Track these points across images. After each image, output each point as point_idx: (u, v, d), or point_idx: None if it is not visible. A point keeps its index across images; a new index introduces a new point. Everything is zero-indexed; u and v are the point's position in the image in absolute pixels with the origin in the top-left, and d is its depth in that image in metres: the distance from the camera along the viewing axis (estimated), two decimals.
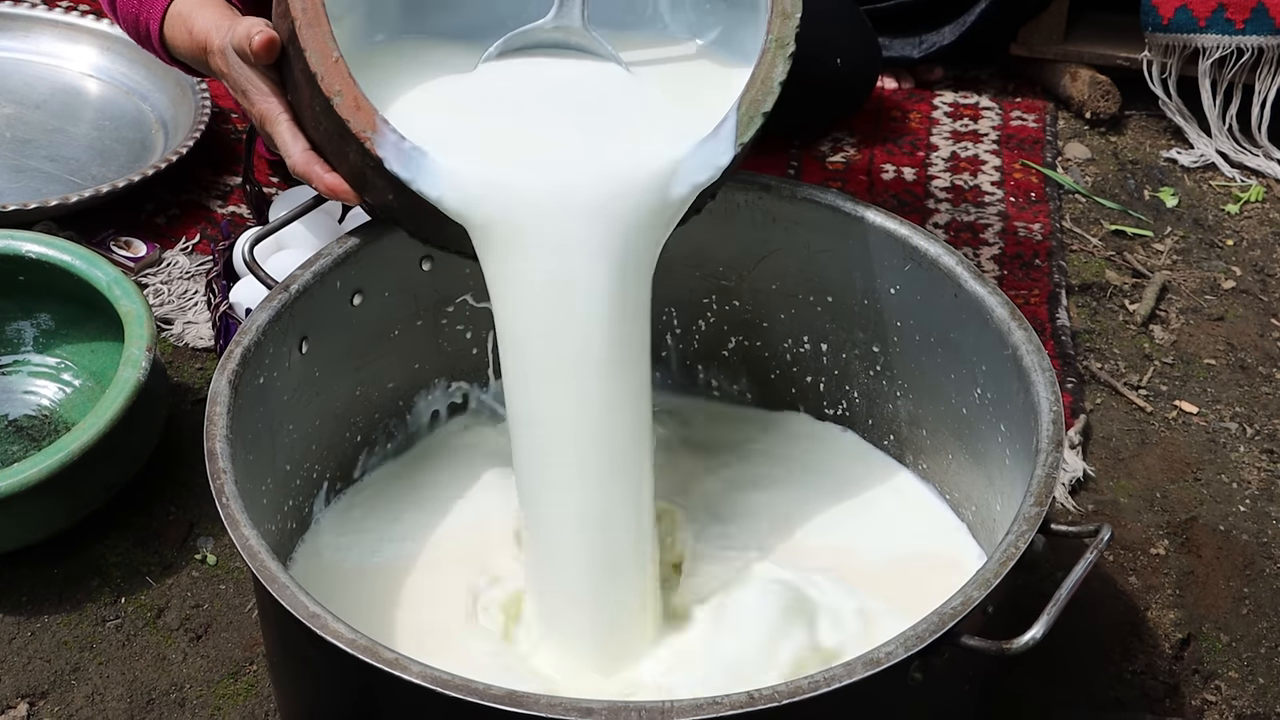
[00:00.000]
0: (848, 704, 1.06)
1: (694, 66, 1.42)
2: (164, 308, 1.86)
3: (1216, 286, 2.00)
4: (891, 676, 1.06)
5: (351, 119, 1.25)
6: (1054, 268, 1.99)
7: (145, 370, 1.55)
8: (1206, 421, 1.79)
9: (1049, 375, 1.27)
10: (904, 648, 1.06)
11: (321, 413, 1.45)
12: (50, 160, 2.06)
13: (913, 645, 1.06)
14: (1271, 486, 1.70)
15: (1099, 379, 1.83)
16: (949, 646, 1.08)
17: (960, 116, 2.30)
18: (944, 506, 1.49)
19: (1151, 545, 1.62)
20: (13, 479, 1.48)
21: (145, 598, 1.54)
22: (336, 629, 1.06)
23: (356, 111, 1.25)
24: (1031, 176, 2.17)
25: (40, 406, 1.71)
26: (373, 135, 1.25)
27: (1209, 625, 1.54)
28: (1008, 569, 1.12)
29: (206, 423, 1.23)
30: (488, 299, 1.52)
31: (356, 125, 1.25)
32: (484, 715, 1.02)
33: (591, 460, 1.29)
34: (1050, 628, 1.08)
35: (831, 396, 1.57)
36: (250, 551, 1.13)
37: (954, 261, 1.39)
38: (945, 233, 2.05)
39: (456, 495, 1.49)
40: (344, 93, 1.25)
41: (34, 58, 2.22)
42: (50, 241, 1.68)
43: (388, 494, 1.50)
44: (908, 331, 1.46)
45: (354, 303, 1.44)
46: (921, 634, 1.07)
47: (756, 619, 1.30)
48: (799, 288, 1.52)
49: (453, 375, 1.57)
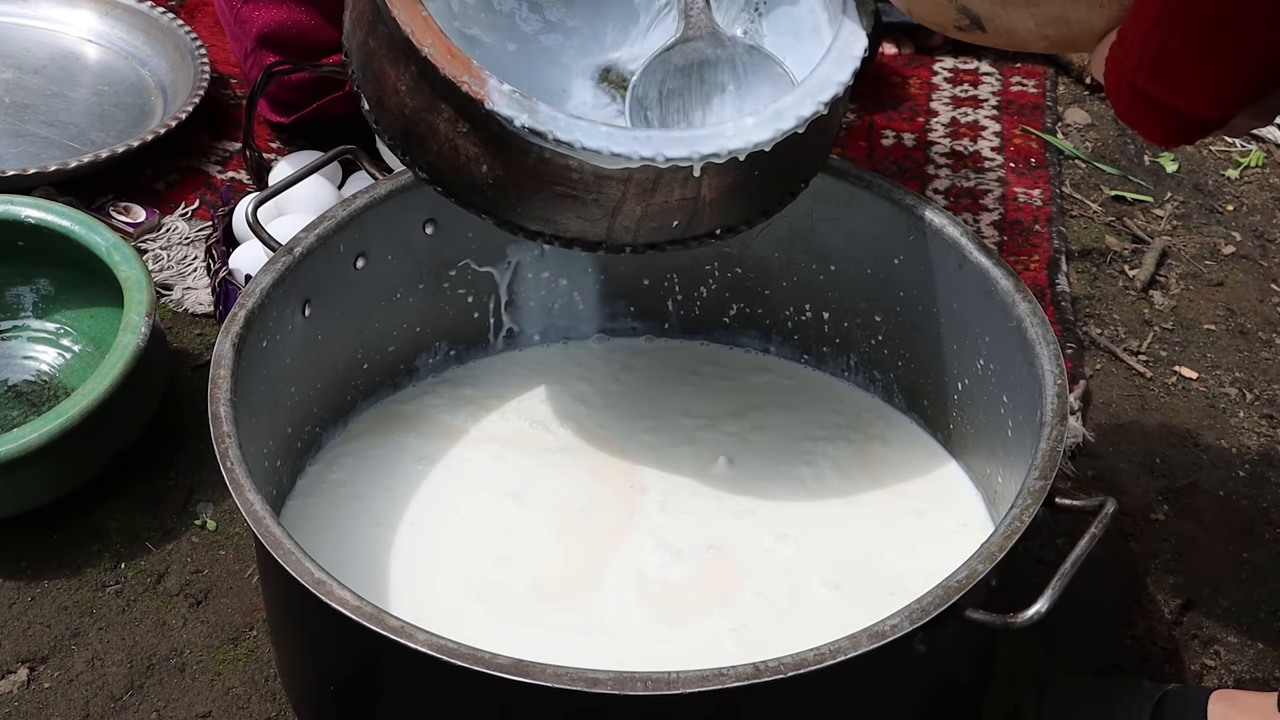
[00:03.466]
0: (853, 676, 1.07)
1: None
2: (163, 273, 1.86)
3: (1216, 252, 2.00)
4: (896, 649, 1.06)
5: (446, 66, 1.21)
6: (1054, 233, 1.98)
7: (145, 336, 1.55)
8: (1206, 387, 1.79)
9: (1053, 348, 1.27)
10: (909, 621, 1.07)
11: (323, 376, 1.45)
12: (49, 125, 2.05)
13: (918, 618, 1.07)
14: (1271, 452, 1.70)
15: (1099, 344, 1.83)
16: (954, 620, 1.08)
17: (960, 82, 2.30)
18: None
19: (1151, 511, 1.63)
20: (12, 444, 1.47)
21: (145, 563, 1.54)
22: (342, 595, 1.07)
23: (451, 60, 1.22)
24: (1031, 142, 2.17)
25: (40, 372, 1.70)
26: (469, 79, 1.21)
27: (1208, 590, 1.54)
28: (1012, 542, 1.12)
29: (210, 386, 1.23)
30: (489, 263, 1.53)
31: (452, 71, 1.21)
32: (489, 684, 1.03)
33: None
34: (1055, 602, 1.09)
35: (833, 365, 1.57)
36: (255, 516, 1.13)
37: (958, 232, 1.39)
38: (945, 198, 2.05)
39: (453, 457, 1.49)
40: (436, 44, 1.22)
41: (33, 22, 2.20)
42: (49, 207, 1.67)
43: (387, 455, 1.49)
44: (910, 301, 1.46)
45: (357, 266, 1.44)
46: (926, 607, 1.07)
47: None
48: (801, 256, 1.52)
49: (454, 339, 1.57)
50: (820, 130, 1.31)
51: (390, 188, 1.43)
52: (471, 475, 1.47)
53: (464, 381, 1.57)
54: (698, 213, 1.29)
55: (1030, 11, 1.16)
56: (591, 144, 1.21)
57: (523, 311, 1.59)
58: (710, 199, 1.28)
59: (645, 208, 1.27)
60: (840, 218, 1.46)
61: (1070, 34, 1.17)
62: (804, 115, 1.27)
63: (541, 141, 1.22)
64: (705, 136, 1.25)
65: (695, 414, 1.54)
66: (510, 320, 1.58)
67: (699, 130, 1.27)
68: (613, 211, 1.26)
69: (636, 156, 1.22)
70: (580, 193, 1.25)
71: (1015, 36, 1.20)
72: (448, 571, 1.36)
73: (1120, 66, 1.08)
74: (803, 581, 1.36)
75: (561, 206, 1.27)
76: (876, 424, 1.53)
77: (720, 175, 1.26)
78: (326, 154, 1.52)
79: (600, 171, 1.23)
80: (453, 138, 1.25)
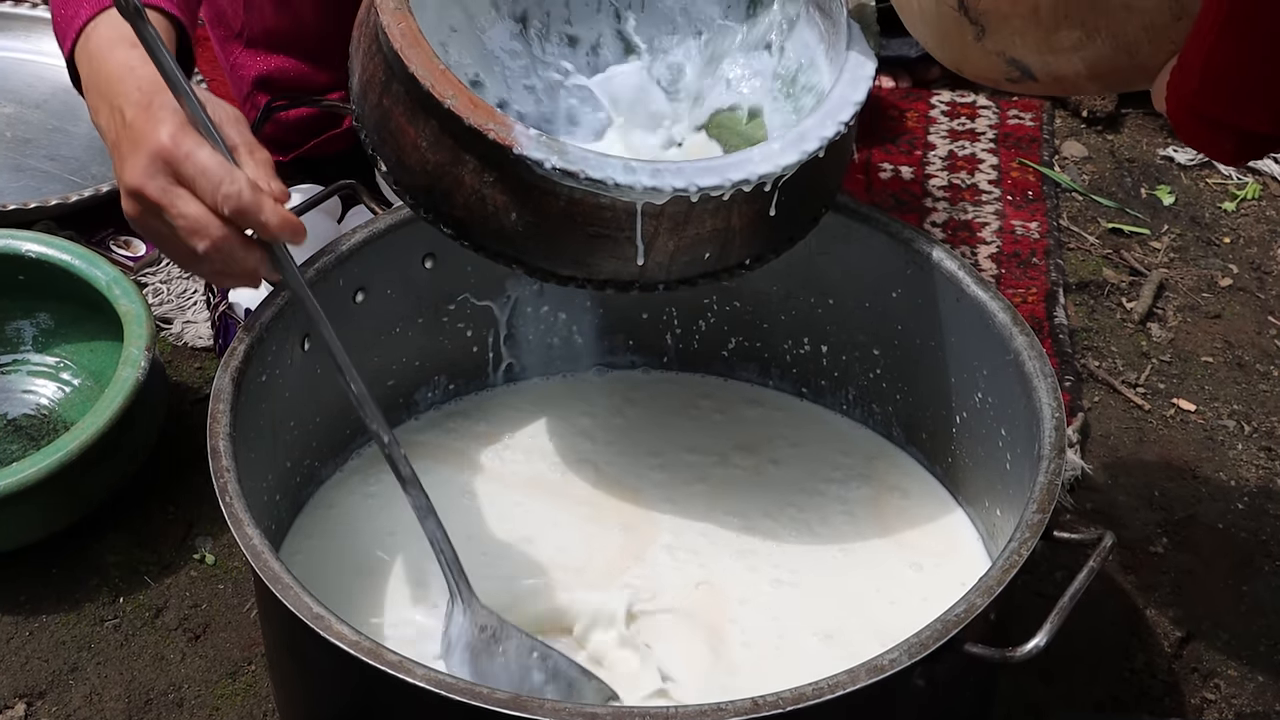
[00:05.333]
0: (851, 711, 1.07)
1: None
2: (163, 307, 1.86)
3: (1214, 284, 2.00)
4: (895, 684, 1.06)
5: (471, 116, 1.21)
6: (1051, 266, 1.99)
7: (144, 370, 1.55)
8: (1204, 419, 1.79)
9: (1051, 382, 1.27)
10: (908, 655, 1.06)
11: (322, 410, 1.45)
12: (50, 160, 2.06)
13: (916, 652, 1.07)
14: (1269, 484, 1.70)
15: (1097, 377, 1.83)
16: (952, 654, 1.08)
17: (957, 115, 2.30)
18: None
19: (1150, 543, 1.63)
20: (12, 478, 1.48)
21: (144, 597, 1.54)
22: (340, 630, 1.07)
23: (475, 109, 1.22)
24: (1029, 175, 2.18)
25: (39, 406, 1.71)
26: (495, 126, 1.21)
27: (1208, 623, 1.54)
28: (1010, 576, 1.12)
29: (210, 420, 1.23)
30: (489, 297, 1.53)
31: (477, 120, 1.21)
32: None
33: None
34: (1053, 636, 1.09)
35: (831, 398, 1.57)
36: (254, 552, 1.13)
37: (955, 266, 1.39)
38: (943, 231, 2.05)
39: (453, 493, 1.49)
40: (458, 96, 1.22)
41: (35, 57, 2.21)
42: (50, 241, 1.68)
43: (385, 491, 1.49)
44: (908, 334, 1.47)
45: (356, 300, 1.44)
46: (925, 641, 1.07)
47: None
48: (799, 289, 1.52)
49: (453, 373, 1.57)
50: (838, 153, 1.32)
51: (390, 222, 1.43)
52: (471, 512, 1.47)
53: (464, 416, 1.57)
54: (729, 243, 1.29)
55: (1079, 56, 1.16)
56: (625, 180, 1.20)
57: (522, 345, 1.59)
58: (740, 227, 1.28)
59: (679, 241, 1.26)
60: (838, 251, 1.47)
61: (1121, 74, 1.17)
62: (826, 136, 1.28)
63: (573, 182, 1.21)
64: (734, 164, 1.25)
65: (700, 449, 1.54)
66: (509, 354, 1.59)
67: (727, 158, 1.27)
68: (646, 248, 1.26)
69: (669, 189, 1.21)
70: (614, 231, 1.24)
71: (1067, 83, 1.21)
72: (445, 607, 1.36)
73: (1181, 91, 1.09)
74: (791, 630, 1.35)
75: (594, 248, 1.26)
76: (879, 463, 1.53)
77: (749, 202, 1.27)
78: (326, 189, 1.53)
79: (632, 208, 1.23)
80: (479, 188, 1.24)
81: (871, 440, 1.55)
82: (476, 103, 1.22)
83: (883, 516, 1.47)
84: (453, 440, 1.54)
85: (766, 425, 1.57)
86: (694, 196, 1.22)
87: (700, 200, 1.23)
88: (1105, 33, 1.14)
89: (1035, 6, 1.14)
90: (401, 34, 1.24)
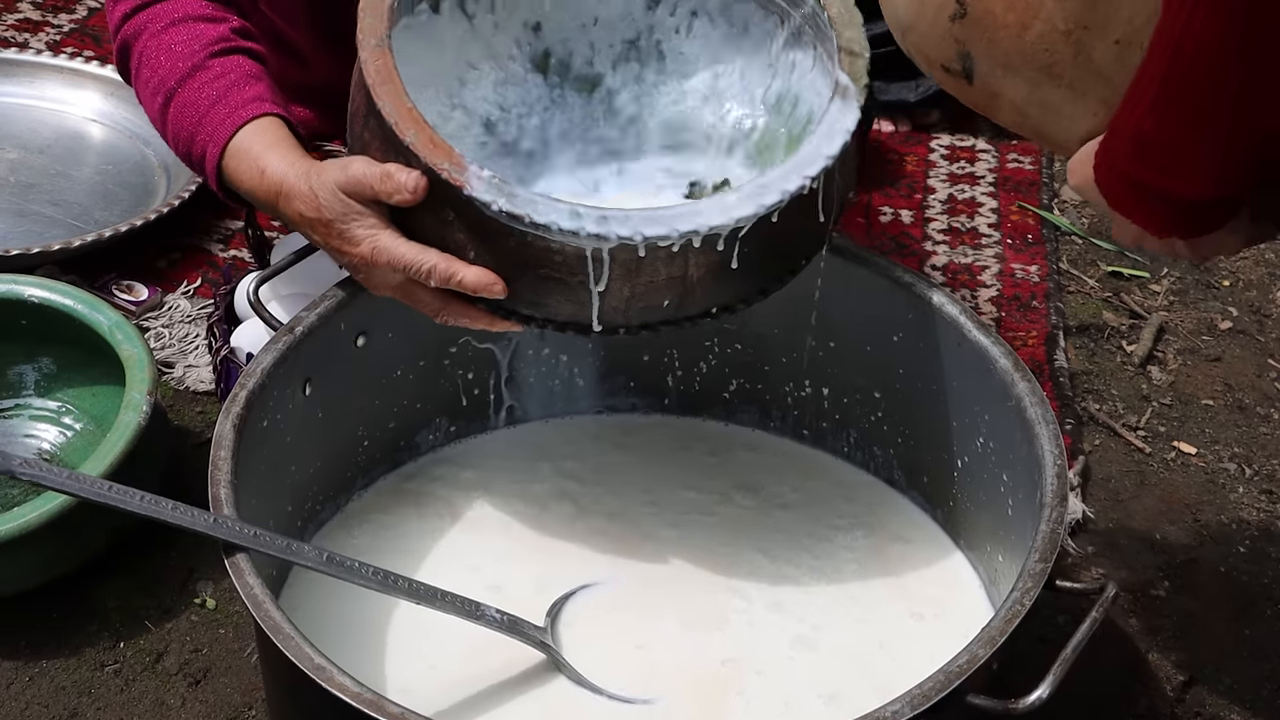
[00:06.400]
0: None
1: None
2: (165, 351, 1.86)
3: (1213, 327, 2.00)
4: None
5: (428, 155, 1.24)
6: (1051, 309, 1.99)
7: (146, 414, 1.56)
8: (1205, 462, 1.79)
9: (1053, 428, 1.27)
10: (910, 706, 1.06)
11: (323, 454, 1.45)
12: (53, 205, 2.06)
13: (919, 704, 1.06)
14: (1271, 527, 1.70)
15: (1097, 420, 1.83)
16: (955, 705, 1.08)
17: (957, 159, 2.31)
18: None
19: (1152, 587, 1.62)
20: (13, 523, 1.47)
21: (144, 642, 1.54)
22: (342, 682, 1.06)
23: (433, 149, 1.25)
24: (1028, 218, 2.18)
25: (41, 450, 1.71)
26: (449, 165, 1.24)
27: (1210, 667, 1.54)
28: (1013, 626, 1.12)
29: (211, 468, 1.23)
30: (490, 340, 1.54)
31: (433, 159, 1.24)
32: None
33: None
34: (1056, 687, 1.09)
35: (833, 441, 1.57)
36: (255, 601, 1.13)
37: (957, 311, 1.40)
38: (943, 274, 2.06)
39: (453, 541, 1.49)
40: (418, 134, 1.25)
41: (39, 103, 2.23)
42: (52, 286, 1.68)
43: (386, 538, 1.49)
44: (910, 378, 1.47)
45: (358, 344, 1.44)
46: (928, 693, 1.07)
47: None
48: (801, 332, 1.52)
49: (454, 416, 1.57)
50: (814, 207, 1.30)
51: None
52: (472, 559, 1.46)
53: (464, 460, 1.57)
54: (688, 293, 1.29)
55: (1029, 87, 1.16)
56: (569, 225, 1.22)
57: (523, 388, 1.59)
58: (699, 276, 1.28)
59: (632, 288, 1.27)
60: (839, 295, 1.47)
61: (1049, 125, 1.18)
62: (789, 190, 1.26)
63: (520, 225, 1.23)
64: (684, 214, 1.24)
65: (700, 488, 1.54)
66: (510, 397, 1.59)
67: (677, 207, 1.27)
68: (602, 294, 1.27)
69: (614, 236, 1.22)
70: (565, 275, 1.26)
71: (996, 102, 1.20)
72: (447, 657, 1.35)
73: (1112, 157, 1.10)
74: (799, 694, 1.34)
75: (548, 290, 1.27)
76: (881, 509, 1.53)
77: (706, 253, 1.26)
78: None
79: (580, 253, 1.24)
80: (439, 227, 1.28)
81: (872, 485, 1.54)
82: (436, 142, 1.25)
83: (887, 563, 1.47)
84: (436, 488, 1.54)
85: (757, 470, 1.57)
86: (640, 248, 1.23)
87: (650, 250, 1.24)
88: (1068, 87, 1.14)
89: (1025, 26, 1.14)
90: (376, 71, 1.28)
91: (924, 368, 1.44)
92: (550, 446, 1.59)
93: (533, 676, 1.33)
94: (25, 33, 2.46)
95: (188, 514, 1.18)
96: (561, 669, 1.32)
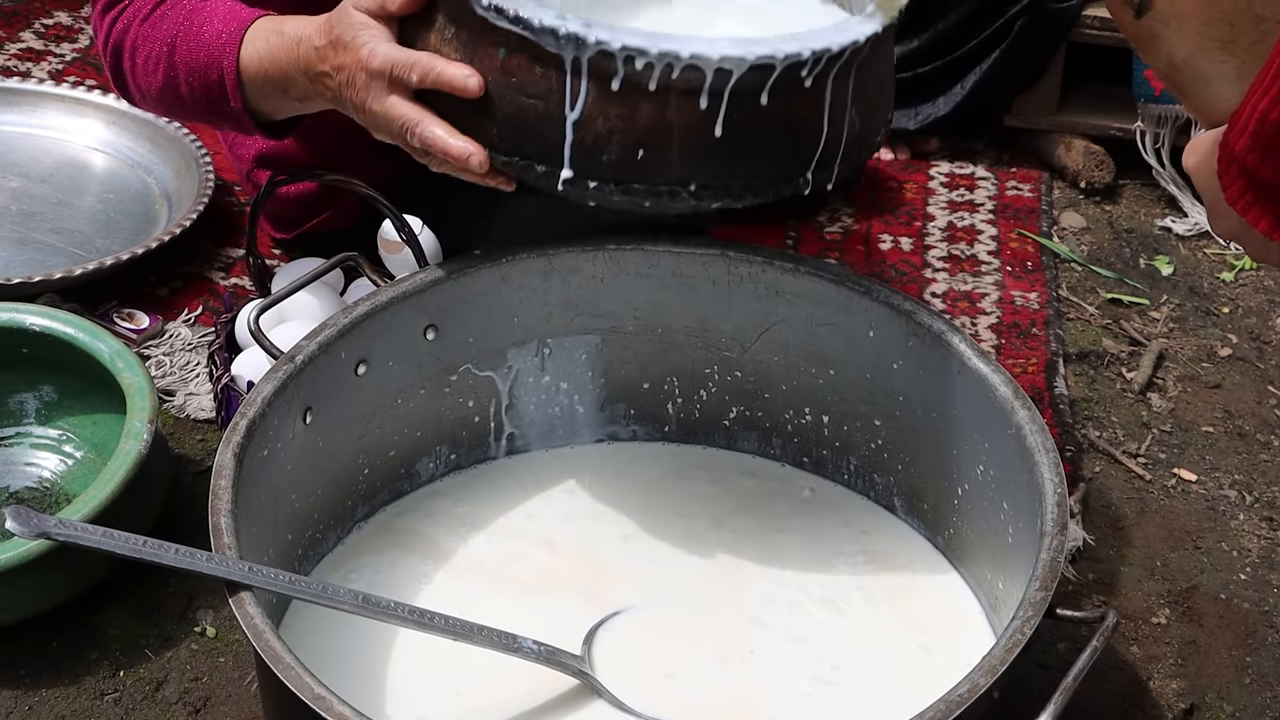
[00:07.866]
0: None
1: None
2: (166, 379, 1.87)
3: (1213, 354, 2.01)
4: None
5: None
6: (1051, 336, 2.00)
7: (147, 443, 1.56)
8: (1205, 489, 1.79)
9: (1053, 456, 1.27)
10: None
11: (323, 482, 1.45)
12: (55, 233, 2.07)
13: None
14: (1272, 554, 1.70)
15: (1097, 447, 1.83)
16: None
17: (956, 186, 2.32)
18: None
19: (1153, 614, 1.62)
20: (12, 552, 1.47)
21: (144, 671, 1.54)
22: (342, 712, 1.06)
23: None
24: (1028, 245, 2.19)
25: (41, 478, 1.71)
26: None
27: (1212, 695, 1.54)
28: (1014, 655, 1.12)
29: (211, 497, 1.23)
30: (490, 368, 1.54)
31: None
32: None
33: None
34: (1058, 715, 1.08)
35: (833, 468, 1.58)
36: (255, 630, 1.12)
37: (957, 339, 1.40)
38: (943, 302, 2.06)
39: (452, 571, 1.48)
40: None
41: (41, 132, 2.24)
42: (53, 314, 1.69)
43: (387, 569, 1.49)
44: (910, 406, 1.47)
45: (358, 372, 1.44)
46: None
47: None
48: (801, 360, 1.53)
49: (455, 444, 1.57)
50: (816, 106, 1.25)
51: (391, 295, 1.44)
52: (470, 592, 1.46)
53: (464, 490, 1.57)
54: (665, 146, 1.25)
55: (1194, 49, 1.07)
56: (551, 24, 1.22)
57: (524, 416, 1.59)
58: (680, 130, 1.24)
59: (607, 121, 1.24)
60: (839, 323, 1.47)
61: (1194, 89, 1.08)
62: (783, 50, 1.21)
63: (504, 22, 1.24)
64: (668, 38, 1.21)
65: (701, 516, 1.54)
66: (511, 425, 1.59)
67: (669, 34, 1.23)
68: (575, 124, 1.25)
69: (592, 40, 1.21)
70: (542, 96, 1.25)
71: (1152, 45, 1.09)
72: (444, 689, 1.35)
73: (1233, 148, 1.02)
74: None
75: (525, 125, 1.28)
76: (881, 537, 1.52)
77: (688, 101, 1.22)
78: (328, 261, 1.54)
79: (560, 62, 1.23)
80: (440, 46, 1.31)
81: (873, 512, 1.54)
82: None
83: (891, 592, 1.46)
84: (450, 517, 1.54)
85: (764, 496, 1.57)
86: (618, 62, 1.21)
87: (629, 78, 1.21)
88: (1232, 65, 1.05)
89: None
90: None
91: (924, 395, 1.45)
92: (550, 476, 1.58)
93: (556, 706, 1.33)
94: (28, 62, 2.47)
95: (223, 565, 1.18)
96: (601, 694, 1.32)
